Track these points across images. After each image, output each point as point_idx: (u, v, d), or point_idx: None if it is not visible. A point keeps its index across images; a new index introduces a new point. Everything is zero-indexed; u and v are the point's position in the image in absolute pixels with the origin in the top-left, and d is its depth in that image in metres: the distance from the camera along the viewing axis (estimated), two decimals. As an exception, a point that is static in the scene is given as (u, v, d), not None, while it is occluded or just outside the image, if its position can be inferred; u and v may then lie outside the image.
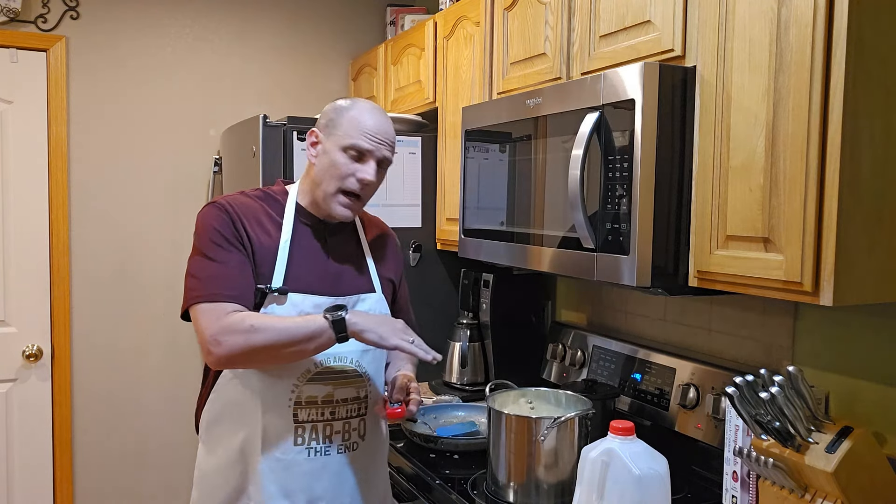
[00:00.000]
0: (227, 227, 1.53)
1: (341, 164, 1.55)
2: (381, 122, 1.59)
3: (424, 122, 2.71)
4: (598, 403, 1.80)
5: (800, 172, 1.25)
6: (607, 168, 1.56)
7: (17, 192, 2.89)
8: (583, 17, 1.80)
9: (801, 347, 1.69)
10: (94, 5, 2.99)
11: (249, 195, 1.64)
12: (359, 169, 1.56)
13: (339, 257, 1.65)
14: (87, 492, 3.06)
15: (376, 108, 1.61)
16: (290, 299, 1.54)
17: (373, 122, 1.57)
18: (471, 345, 2.53)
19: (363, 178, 1.56)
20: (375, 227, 1.80)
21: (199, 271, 1.52)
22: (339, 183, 1.56)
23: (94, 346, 3.04)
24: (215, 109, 3.21)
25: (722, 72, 1.42)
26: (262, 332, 1.44)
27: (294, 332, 1.45)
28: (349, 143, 1.55)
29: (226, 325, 1.45)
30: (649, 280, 1.50)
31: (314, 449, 1.58)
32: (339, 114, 1.58)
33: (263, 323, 1.45)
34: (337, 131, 1.57)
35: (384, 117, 1.61)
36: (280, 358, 1.51)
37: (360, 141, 1.55)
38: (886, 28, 1.22)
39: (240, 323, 1.45)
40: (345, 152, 1.56)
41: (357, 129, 1.55)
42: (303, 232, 1.62)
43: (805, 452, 1.30)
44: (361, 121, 1.56)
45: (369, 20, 3.49)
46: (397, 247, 1.84)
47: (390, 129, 1.61)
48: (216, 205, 1.57)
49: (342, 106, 1.60)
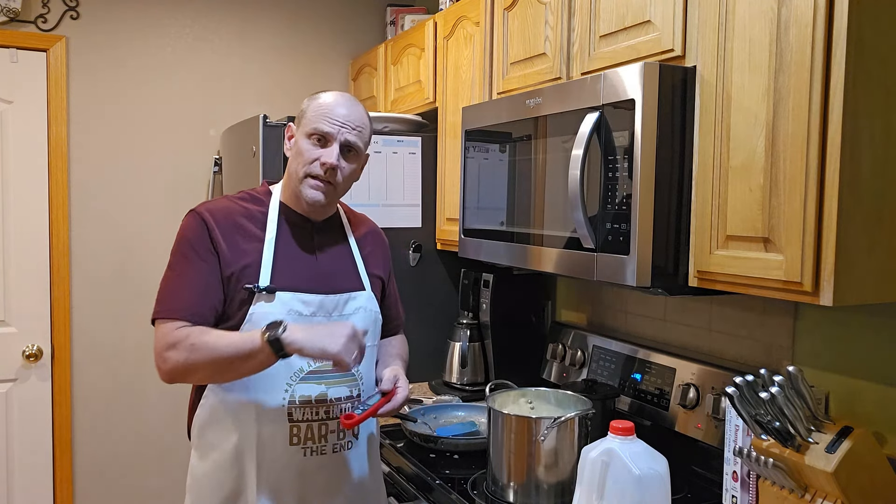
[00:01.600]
0: (198, 236, 1.55)
1: (305, 149, 1.58)
2: (345, 106, 1.61)
3: (424, 122, 2.71)
4: (598, 403, 1.80)
5: (800, 172, 1.25)
6: (607, 168, 1.56)
7: (17, 192, 2.89)
8: (583, 17, 1.80)
9: (801, 347, 1.69)
10: (94, 5, 2.99)
11: (232, 199, 1.65)
12: (322, 153, 1.58)
13: (327, 255, 1.66)
14: (87, 492, 3.06)
15: (344, 96, 1.64)
16: (279, 297, 1.55)
17: (336, 106, 1.59)
18: (471, 345, 2.53)
19: (326, 162, 1.57)
20: (363, 225, 1.80)
21: (163, 283, 1.56)
22: (306, 168, 1.58)
23: (94, 347, 3.04)
24: (215, 109, 3.21)
25: (722, 72, 1.42)
26: (201, 350, 1.46)
27: (230, 351, 1.45)
28: (312, 128, 1.58)
29: (171, 341, 1.48)
30: (649, 280, 1.50)
31: (309, 449, 1.58)
32: (308, 104, 1.63)
33: (204, 341, 1.46)
34: (303, 119, 1.61)
35: (351, 102, 1.63)
36: (223, 375, 1.52)
37: (320, 124, 1.57)
38: (886, 28, 1.22)
39: (183, 340, 1.47)
40: (309, 138, 1.59)
41: (319, 114, 1.58)
42: (289, 230, 1.63)
43: (805, 452, 1.30)
44: (324, 106, 1.59)
45: (369, 20, 3.49)
46: (385, 243, 1.84)
47: (357, 115, 1.62)
48: (192, 213, 1.59)
49: (311, 97, 1.64)
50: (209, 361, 1.47)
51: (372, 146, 1.74)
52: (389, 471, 2.03)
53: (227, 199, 1.65)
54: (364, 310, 1.66)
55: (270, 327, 1.44)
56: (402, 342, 1.87)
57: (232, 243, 1.56)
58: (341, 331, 1.46)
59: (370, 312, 1.68)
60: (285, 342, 1.42)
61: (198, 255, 1.54)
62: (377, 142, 2.56)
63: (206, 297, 1.52)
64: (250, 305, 1.54)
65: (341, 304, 1.62)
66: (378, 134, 2.58)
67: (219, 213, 1.59)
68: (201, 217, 1.57)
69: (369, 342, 1.66)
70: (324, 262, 1.65)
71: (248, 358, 1.45)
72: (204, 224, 1.56)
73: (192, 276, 1.54)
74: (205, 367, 1.48)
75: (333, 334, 1.44)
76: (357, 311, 1.64)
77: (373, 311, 1.69)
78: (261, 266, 1.56)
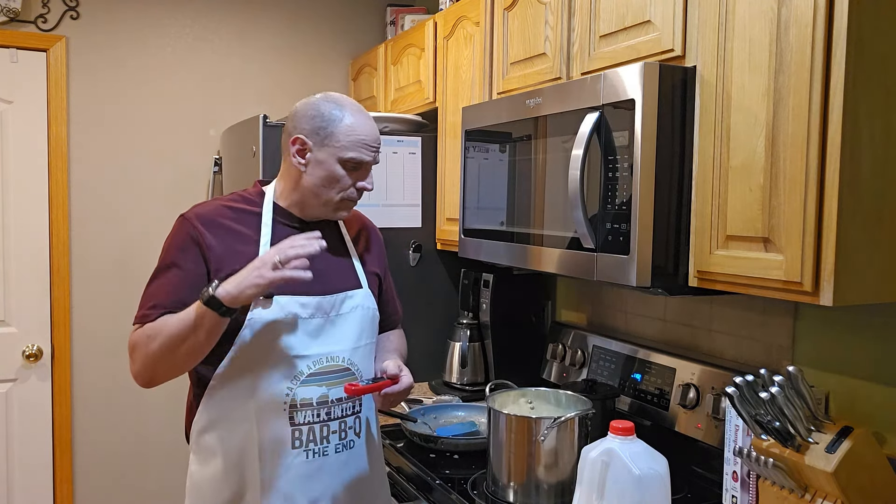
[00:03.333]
0: (184, 245, 1.54)
1: (342, 176, 1.58)
2: (372, 128, 1.61)
3: (424, 122, 2.71)
4: (598, 403, 1.80)
5: (800, 172, 1.25)
6: (607, 168, 1.56)
7: (17, 192, 2.89)
8: (583, 17, 1.80)
9: (801, 347, 1.69)
10: (94, 5, 2.99)
11: (224, 202, 1.64)
12: (359, 178, 1.60)
13: (322, 255, 1.65)
14: (87, 492, 3.06)
15: (363, 112, 1.62)
16: (276, 301, 1.54)
17: (366, 130, 1.59)
18: (471, 345, 2.53)
19: (364, 187, 1.61)
20: (357, 223, 1.80)
21: (145, 290, 1.57)
22: (342, 194, 1.59)
23: (95, 346, 3.04)
24: (215, 109, 3.21)
25: (722, 72, 1.42)
26: (155, 338, 1.47)
27: (179, 326, 1.46)
28: (349, 157, 1.57)
29: (132, 342, 1.51)
30: (649, 280, 1.50)
31: (312, 451, 1.57)
32: (331, 123, 1.56)
33: (155, 328, 1.48)
34: (332, 142, 1.56)
35: (371, 120, 1.63)
36: (184, 358, 1.50)
37: (360, 154, 1.57)
38: (886, 28, 1.22)
39: (140, 336, 1.49)
40: (343, 165, 1.57)
41: (354, 142, 1.57)
42: (283, 233, 1.61)
43: (805, 452, 1.30)
44: (356, 132, 1.57)
45: (369, 20, 3.49)
46: (380, 239, 1.84)
47: (377, 130, 1.63)
48: (182, 219, 1.58)
49: (332, 115, 1.56)
50: (166, 347, 1.47)
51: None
52: (389, 471, 2.03)
53: (219, 202, 1.64)
54: (361, 308, 1.66)
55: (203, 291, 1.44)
56: (399, 337, 1.87)
57: (225, 246, 1.55)
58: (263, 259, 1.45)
59: (367, 310, 1.68)
60: (220, 296, 1.42)
61: (185, 264, 1.54)
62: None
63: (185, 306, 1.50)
64: (248, 310, 1.52)
65: (338, 303, 1.62)
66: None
67: (209, 217, 1.58)
68: (191, 223, 1.56)
69: (367, 339, 1.67)
70: (320, 262, 1.64)
71: (196, 328, 1.44)
72: (193, 230, 1.55)
73: (176, 284, 1.53)
74: (163, 355, 1.48)
75: (258, 265, 1.43)
76: (354, 309, 1.64)
77: (370, 309, 1.69)
78: None
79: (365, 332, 1.66)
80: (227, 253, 1.55)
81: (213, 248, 1.54)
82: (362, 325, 1.65)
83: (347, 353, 1.61)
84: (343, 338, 1.61)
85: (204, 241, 1.54)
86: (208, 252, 1.54)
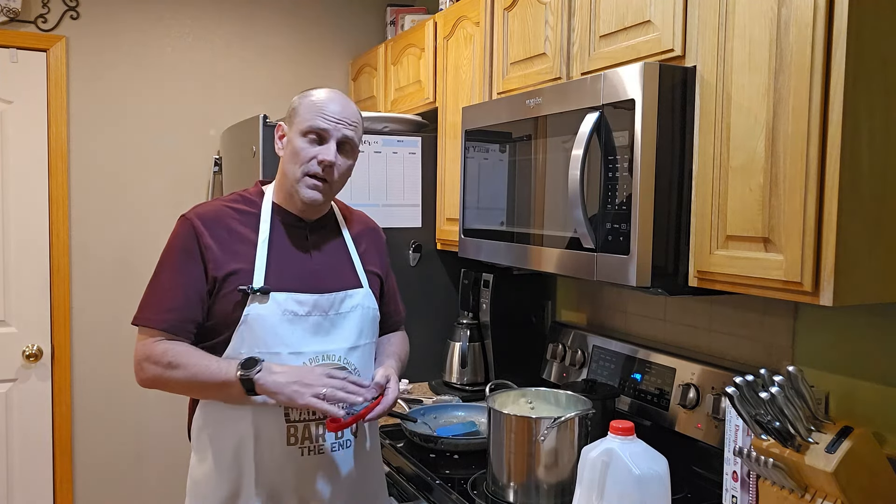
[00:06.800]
0: (186, 245, 1.56)
1: (302, 148, 1.58)
2: (339, 102, 1.61)
3: (424, 122, 2.71)
4: (598, 403, 1.80)
5: (800, 172, 1.25)
6: (607, 168, 1.56)
7: (17, 192, 2.89)
8: (583, 17, 1.80)
9: (801, 347, 1.69)
10: (94, 5, 2.99)
11: (224, 201, 1.66)
12: (320, 151, 1.58)
13: (322, 254, 1.66)
14: (87, 492, 3.06)
15: (335, 92, 1.64)
16: (273, 298, 1.55)
17: (330, 103, 1.60)
18: (471, 345, 2.53)
19: (324, 160, 1.58)
20: (358, 222, 1.80)
21: (148, 288, 1.59)
22: (304, 167, 1.58)
23: (95, 346, 3.04)
24: (215, 109, 3.21)
25: (722, 72, 1.42)
26: (177, 370, 1.50)
27: (205, 377, 1.49)
28: (307, 126, 1.58)
29: (149, 353, 1.52)
30: (649, 280, 1.50)
31: (307, 448, 1.57)
32: (299, 101, 1.62)
33: (180, 361, 1.50)
34: (296, 118, 1.60)
35: (343, 99, 1.63)
36: (197, 394, 1.59)
37: (317, 122, 1.57)
38: (886, 28, 1.22)
39: (161, 356, 1.51)
40: (304, 136, 1.58)
41: (314, 112, 1.58)
42: (282, 231, 1.63)
43: (805, 452, 1.30)
44: (318, 103, 1.59)
45: (369, 20, 3.49)
46: (382, 239, 1.84)
47: (350, 110, 1.62)
48: (182, 218, 1.60)
49: (302, 94, 1.63)
50: (184, 381, 1.51)
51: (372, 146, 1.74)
52: (389, 471, 2.03)
53: (219, 202, 1.66)
54: (361, 307, 1.66)
55: (247, 365, 1.47)
56: (401, 339, 1.87)
57: (224, 246, 1.56)
58: (309, 376, 1.47)
59: (367, 310, 1.68)
60: (258, 384, 1.46)
61: (184, 265, 1.55)
62: (377, 142, 2.56)
63: (186, 311, 1.54)
64: (245, 307, 1.53)
65: (337, 302, 1.62)
66: (378, 134, 2.58)
67: (209, 217, 1.59)
68: (191, 223, 1.57)
69: (366, 339, 1.67)
70: (319, 261, 1.65)
71: (221, 388, 1.49)
72: (193, 231, 1.56)
73: (176, 286, 1.54)
74: (179, 385, 1.53)
75: (302, 380, 1.46)
76: (354, 308, 1.64)
77: (370, 309, 1.69)
78: (254, 268, 1.56)
79: (364, 332, 1.66)
80: (226, 253, 1.56)
81: (213, 248, 1.55)
82: (362, 324, 1.65)
83: (344, 352, 1.61)
84: (341, 336, 1.61)
85: (204, 241, 1.55)
86: (208, 252, 1.55)
